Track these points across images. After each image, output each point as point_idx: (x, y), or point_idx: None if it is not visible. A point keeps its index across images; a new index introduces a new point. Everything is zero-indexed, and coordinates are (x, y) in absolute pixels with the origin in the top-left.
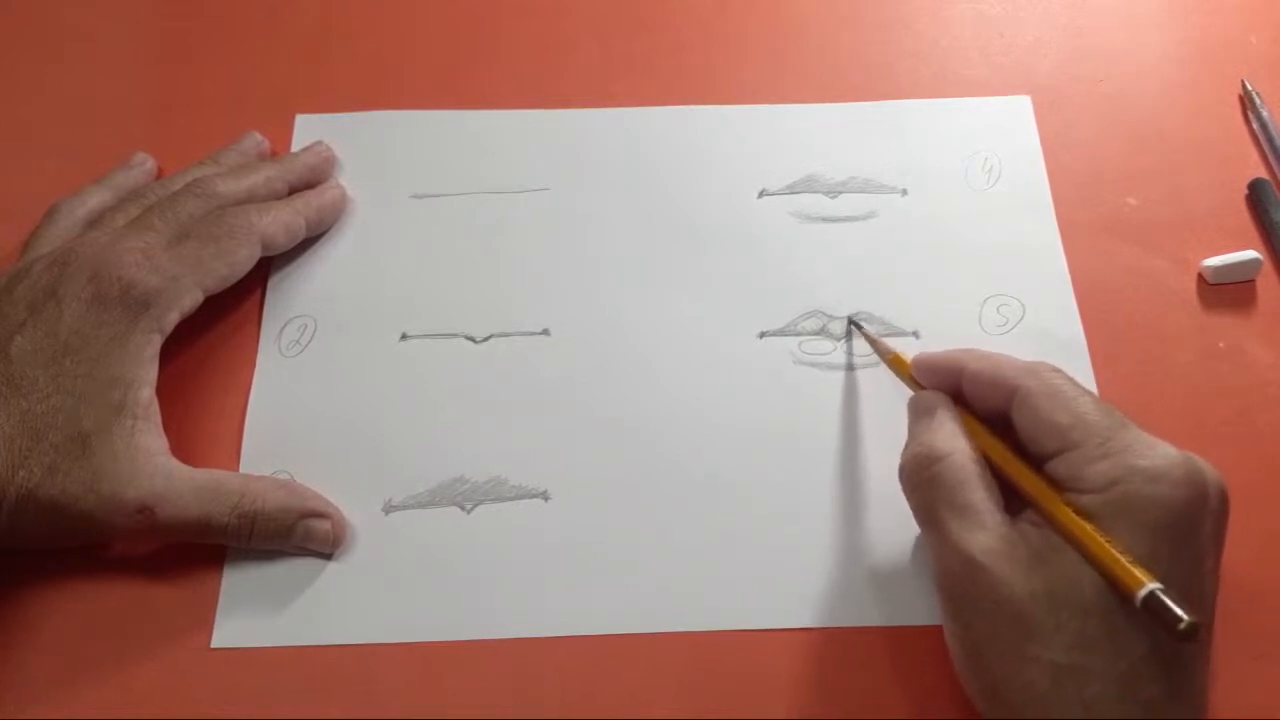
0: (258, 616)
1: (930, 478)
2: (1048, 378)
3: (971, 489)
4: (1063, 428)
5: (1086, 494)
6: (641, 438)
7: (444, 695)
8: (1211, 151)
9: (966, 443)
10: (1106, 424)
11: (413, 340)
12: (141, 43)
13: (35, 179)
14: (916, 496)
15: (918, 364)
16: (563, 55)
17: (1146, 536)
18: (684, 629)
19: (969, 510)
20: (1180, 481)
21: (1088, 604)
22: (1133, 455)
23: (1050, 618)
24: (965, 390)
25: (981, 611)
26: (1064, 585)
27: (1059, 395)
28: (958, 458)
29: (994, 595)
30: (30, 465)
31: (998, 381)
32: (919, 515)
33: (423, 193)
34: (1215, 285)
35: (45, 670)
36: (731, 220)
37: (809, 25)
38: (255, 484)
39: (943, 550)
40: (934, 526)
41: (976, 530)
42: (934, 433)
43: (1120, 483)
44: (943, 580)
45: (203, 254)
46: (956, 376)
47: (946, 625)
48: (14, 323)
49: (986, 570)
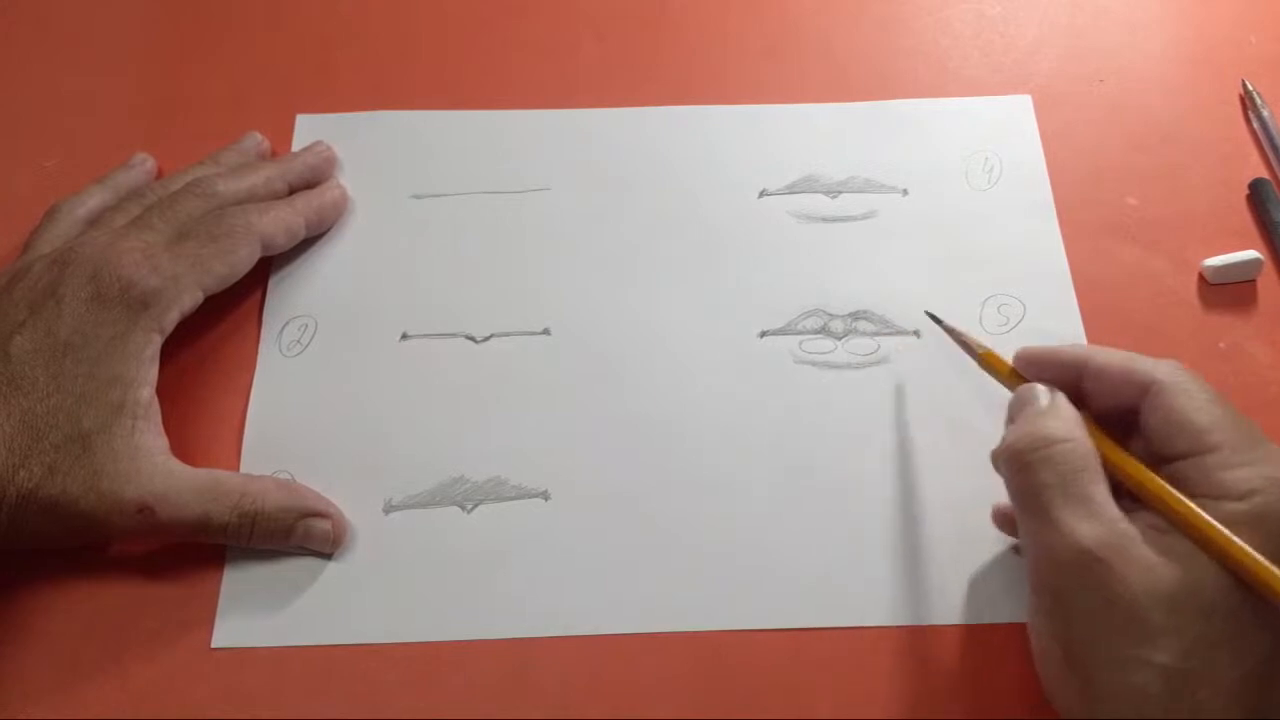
0: (258, 616)
1: (1044, 458)
2: (1181, 376)
3: (1090, 477)
4: (1200, 429)
5: (1223, 500)
6: (641, 438)
7: (444, 695)
8: (1211, 151)
9: (1086, 434)
10: (1243, 431)
11: (413, 340)
12: (141, 43)
13: (35, 179)
14: (1024, 477)
15: (1024, 357)
16: (564, 55)
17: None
18: (684, 629)
19: (1085, 500)
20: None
21: (1210, 606)
22: (1272, 467)
23: (1170, 620)
24: (1087, 385)
25: (1089, 608)
26: (1186, 587)
27: (1196, 395)
28: (1078, 445)
29: (1107, 592)
30: (30, 465)
31: (1130, 375)
32: (1023, 499)
33: (423, 193)
34: (1215, 285)
35: (45, 670)
36: (731, 220)
37: (809, 25)
38: (255, 484)
39: (1050, 540)
40: (1041, 513)
41: (1092, 521)
42: (1050, 417)
43: (1261, 493)
44: (1046, 572)
45: (202, 254)
46: (1074, 371)
47: (1040, 622)
48: (14, 322)
49: (1101, 562)
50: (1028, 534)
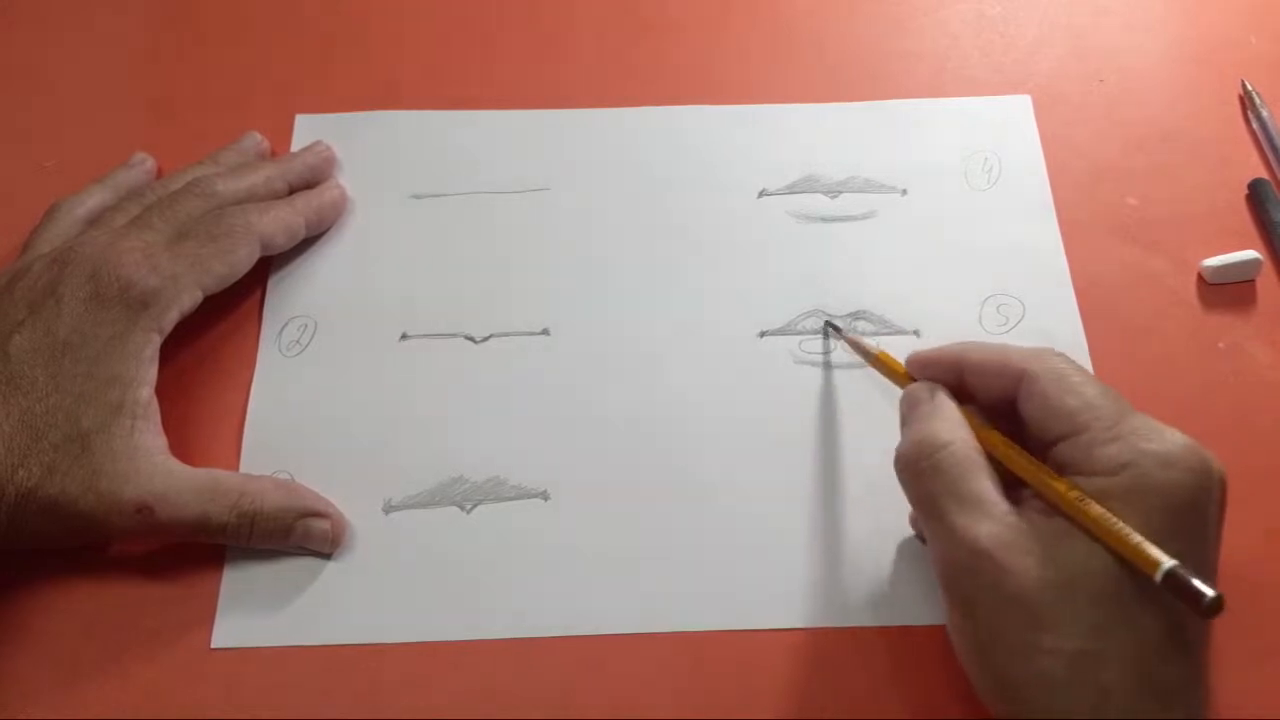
0: (257, 616)
1: (932, 466)
2: (1053, 362)
3: (975, 477)
4: (1071, 411)
5: (1097, 476)
6: (641, 437)
7: (444, 695)
8: (1211, 151)
9: (967, 431)
10: (1114, 408)
11: (413, 340)
12: (141, 43)
13: (35, 179)
14: (917, 486)
15: (914, 360)
16: (563, 55)
17: (1158, 519)
18: (684, 629)
19: (973, 499)
20: (1191, 467)
21: (1102, 588)
22: (1142, 439)
23: (1065, 606)
24: (968, 380)
25: (990, 604)
26: (1077, 571)
27: (1066, 379)
28: (960, 446)
29: (1004, 586)
30: (29, 464)
31: (1004, 368)
32: (920, 506)
33: (423, 193)
34: (1215, 285)
35: (45, 670)
36: (731, 220)
37: (809, 25)
38: (254, 484)
39: (947, 541)
40: (936, 517)
41: (982, 519)
42: (934, 421)
43: (1131, 466)
44: (947, 573)
45: (202, 253)
46: (955, 370)
47: (951, 620)
48: (13, 321)
49: (995, 559)
50: (929, 539)
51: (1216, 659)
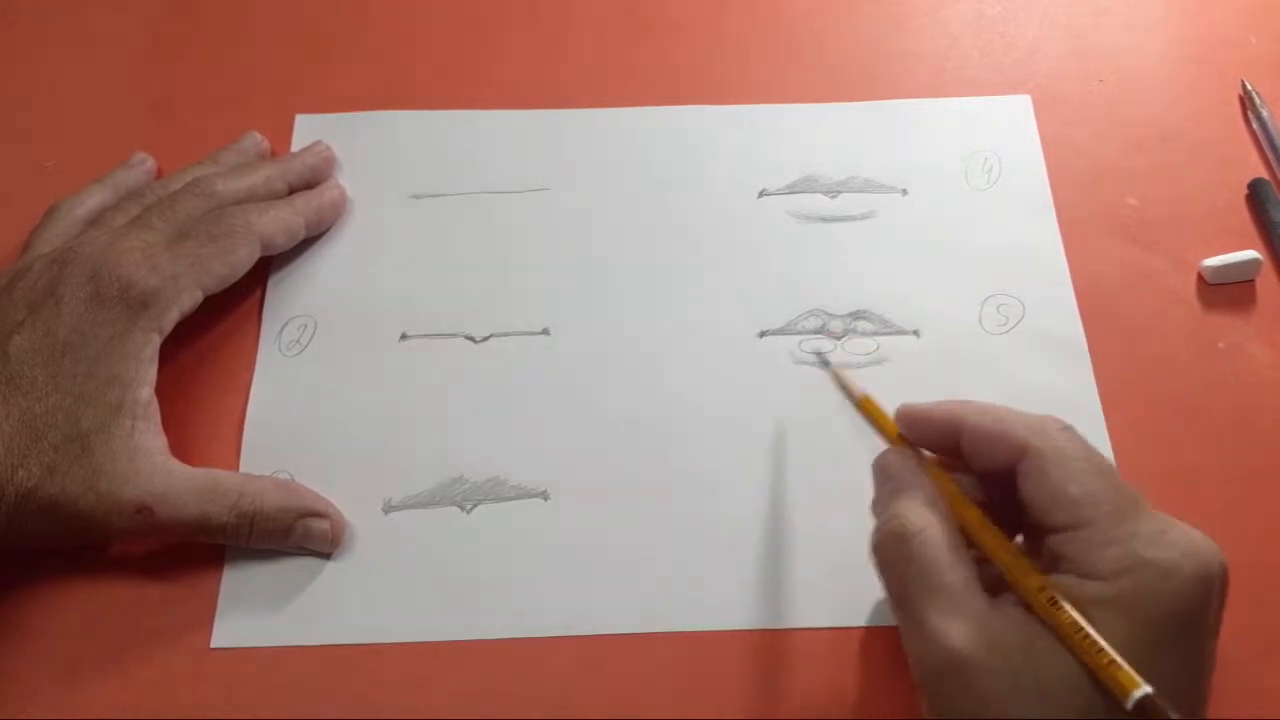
0: (257, 616)
1: (903, 556)
2: (1058, 440)
3: (950, 568)
4: (1073, 501)
5: (1093, 580)
6: (641, 437)
7: (444, 695)
8: (1211, 151)
9: (938, 516)
10: (1117, 504)
11: (413, 340)
12: (141, 43)
13: (35, 179)
14: (890, 576)
15: (904, 415)
16: (563, 55)
17: (1152, 631)
18: (684, 629)
19: (947, 594)
20: (1192, 576)
21: (1078, 700)
22: (1143, 544)
23: (1039, 715)
24: (964, 447)
25: (967, 708)
26: (1056, 681)
27: (1069, 464)
28: (931, 533)
29: (977, 691)
30: (29, 465)
31: (1003, 440)
32: (893, 598)
33: (423, 193)
34: (1215, 285)
35: (45, 670)
36: (731, 220)
37: (809, 25)
38: (254, 484)
39: (920, 640)
40: (908, 613)
41: (955, 617)
42: (904, 504)
43: (1130, 574)
44: (922, 674)
45: (202, 253)
46: (951, 431)
47: (927, 715)
48: (13, 321)
49: (969, 664)
50: (901, 632)
51: (1216, 658)
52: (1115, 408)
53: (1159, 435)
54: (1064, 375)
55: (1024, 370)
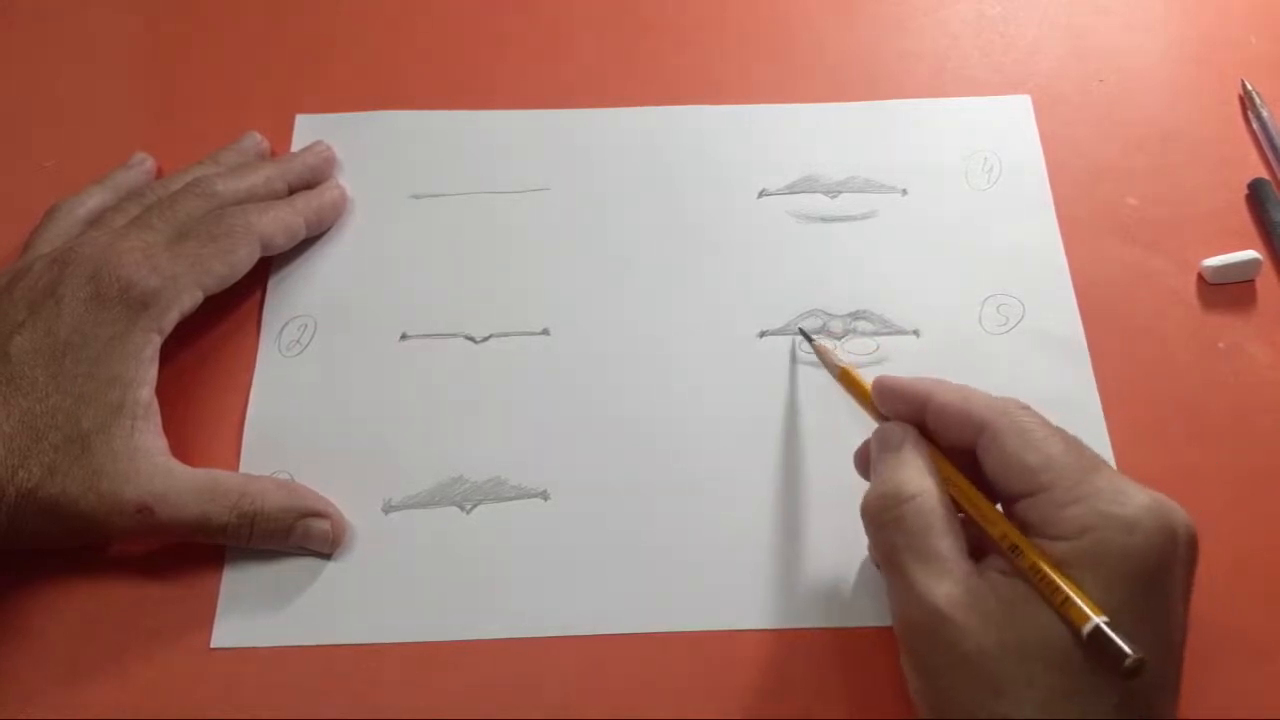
0: (258, 616)
1: (895, 519)
2: (1016, 416)
3: (938, 534)
4: (1031, 469)
5: (1057, 540)
6: (641, 438)
7: (444, 695)
8: (1211, 151)
9: (934, 483)
10: (1077, 466)
11: (413, 340)
12: (141, 43)
13: (35, 179)
14: (881, 538)
15: (880, 387)
16: (563, 55)
17: (1118, 585)
18: (684, 629)
19: (935, 557)
20: (1153, 530)
21: (1058, 657)
22: (1104, 501)
23: (1021, 672)
24: (929, 423)
25: (946, 666)
26: (1035, 638)
27: (1027, 435)
28: (924, 499)
29: (960, 649)
30: (30, 465)
31: (965, 417)
32: (881, 559)
33: (423, 193)
34: (1215, 285)
35: (45, 670)
36: (731, 220)
37: (809, 25)
38: (254, 484)
39: (905, 599)
40: (896, 573)
41: (942, 579)
42: (901, 469)
43: (1092, 530)
44: (904, 632)
45: (202, 254)
46: (920, 406)
47: (910, 680)
48: (14, 322)
49: (952, 622)
50: (889, 591)
51: (1216, 658)
52: (1115, 408)
53: (1159, 435)
54: (1064, 375)
55: (1024, 370)
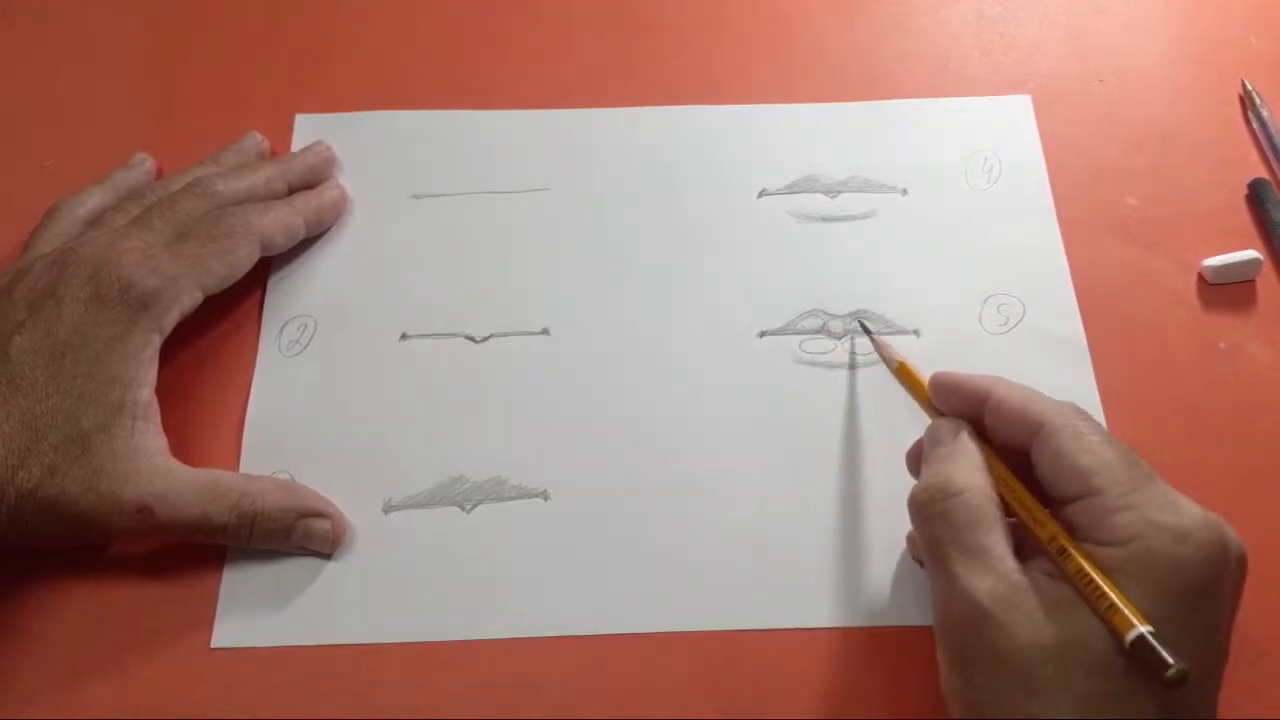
0: (258, 616)
1: (942, 512)
2: (1073, 418)
3: (985, 530)
4: (1085, 472)
5: (1106, 546)
6: (641, 437)
7: (444, 695)
8: (1211, 151)
9: (985, 479)
10: (1131, 473)
11: (413, 340)
12: (141, 43)
13: (35, 179)
14: (926, 530)
15: (938, 382)
16: (563, 55)
17: (1165, 596)
18: (684, 629)
19: (980, 553)
20: (1205, 544)
21: (1099, 662)
22: (1157, 510)
23: (1058, 675)
24: (987, 419)
25: (983, 662)
26: (1075, 641)
27: (1083, 438)
28: (974, 495)
29: (998, 646)
30: (30, 466)
31: (1024, 415)
32: (926, 550)
33: (423, 193)
34: (1215, 285)
35: (45, 670)
36: (731, 220)
37: (809, 25)
38: (254, 484)
39: (947, 591)
40: (940, 565)
41: (985, 574)
42: (952, 463)
43: (1142, 538)
44: (944, 625)
45: (202, 254)
46: (979, 401)
47: (944, 675)
48: (13, 322)
49: (992, 617)
50: (932, 585)
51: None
52: (1115, 408)
53: (1159, 435)
54: (1064, 375)
55: (1024, 370)
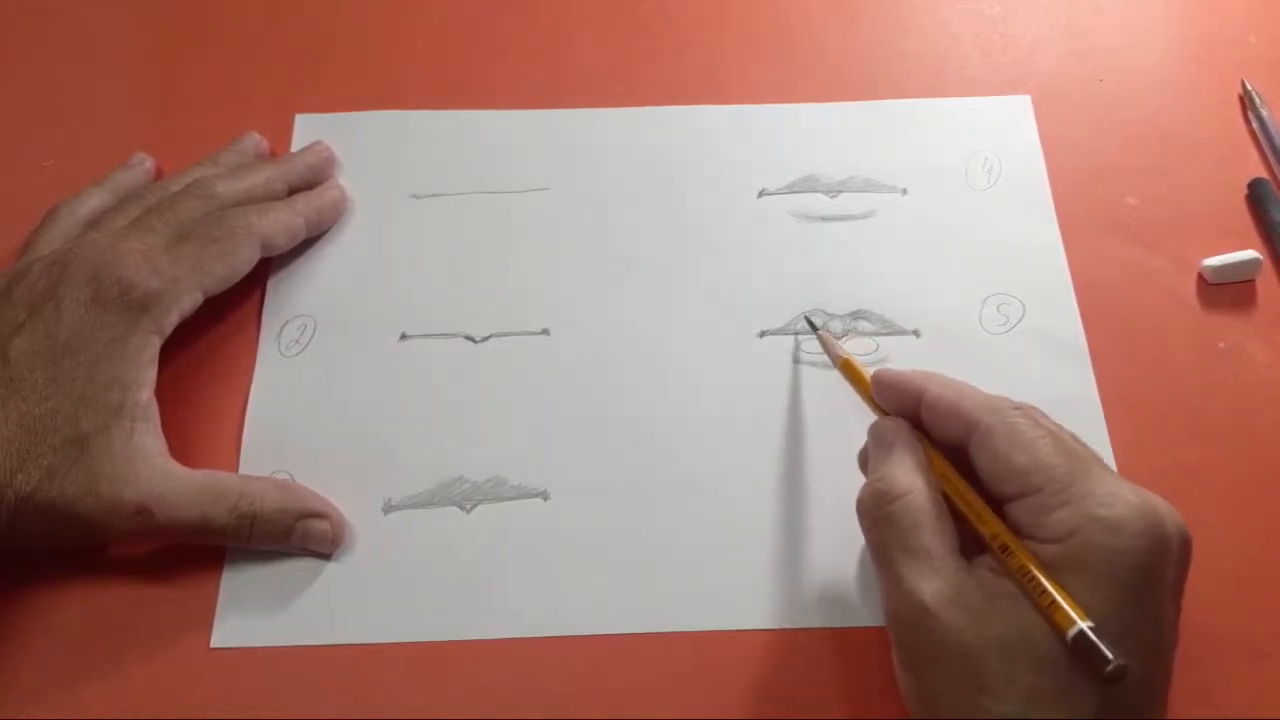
0: (257, 616)
1: (886, 515)
2: (1007, 415)
3: (926, 531)
4: (1021, 471)
5: (1046, 543)
6: (641, 437)
7: (444, 695)
8: (1211, 151)
9: (924, 480)
10: (1067, 468)
11: (413, 340)
12: (141, 43)
13: (35, 179)
14: (872, 534)
15: (878, 380)
16: (563, 55)
17: (1106, 588)
18: (684, 629)
19: (922, 553)
20: (1140, 533)
21: (1041, 656)
22: (1093, 503)
23: (1003, 669)
24: (924, 416)
25: (933, 661)
26: (1017, 635)
27: (1017, 436)
28: (914, 497)
29: (945, 644)
30: (29, 468)
31: (956, 414)
32: (873, 554)
33: (423, 193)
34: (1215, 285)
35: (45, 670)
36: (731, 220)
37: (809, 25)
38: (254, 485)
39: (893, 593)
40: (886, 568)
41: (929, 575)
42: (894, 466)
43: (1079, 533)
44: (894, 626)
45: (202, 255)
46: (916, 401)
47: (900, 677)
48: (13, 324)
49: (937, 618)
50: (880, 588)
51: (1216, 658)
52: (1115, 408)
53: (1159, 435)
54: (1064, 375)
55: (1024, 370)
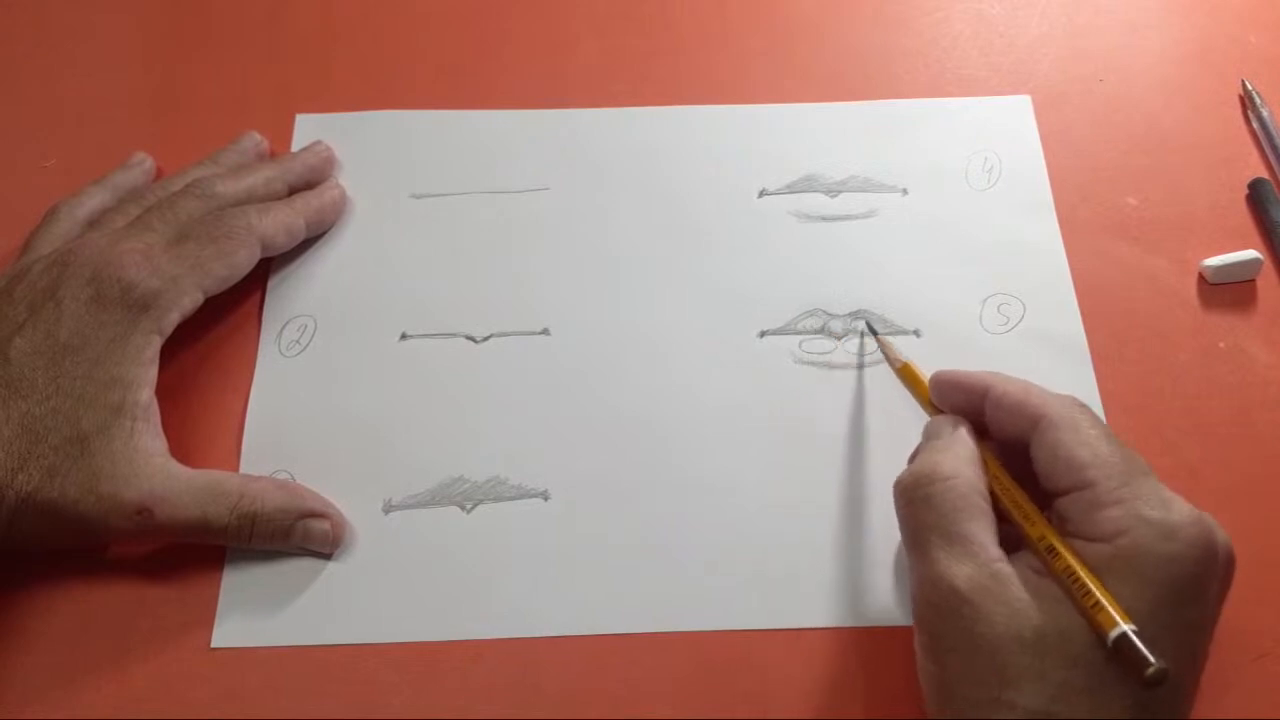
0: (258, 616)
1: (926, 497)
2: (1072, 411)
3: (968, 518)
4: (1080, 464)
5: (1094, 541)
6: (641, 437)
7: (444, 695)
8: (1211, 151)
9: (975, 471)
10: (1124, 469)
11: (413, 340)
12: (141, 43)
13: (35, 179)
14: (909, 514)
15: (938, 380)
16: (563, 55)
17: (1150, 592)
18: (684, 629)
19: (961, 540)
20: (1192, 541)
21: (1076, 654)
22: (1146, 506)
23: (1034, 664)
24: (988, 412)
25: (959, 649)
26: (1054, 633)
27: (1081, 430)
28: (958, 483)
29: (975, 633)
30: (29, 468)
31: (1023, 407)
32: (906, 536)
33: (423, 193)
34: (1215, 285)
35: (45, 670)
36: (731, 220)
37: (809, 25)
38: (254, 484)
39: (925, 577)
40: (920, 551)
41: (965, 561)
42: (942, 453)
43: (1130, 533)
44: (921, 610)
45: (202, 255)
46: (980, 397)
47: (920, 662)
48: (13, 324)
49: (970, 604)
50: (910, 569)
51: (1216, 658)
52: (1115, 408)
53: (1159, 435)
54: (1064, 375)
55: (1024, 370)
